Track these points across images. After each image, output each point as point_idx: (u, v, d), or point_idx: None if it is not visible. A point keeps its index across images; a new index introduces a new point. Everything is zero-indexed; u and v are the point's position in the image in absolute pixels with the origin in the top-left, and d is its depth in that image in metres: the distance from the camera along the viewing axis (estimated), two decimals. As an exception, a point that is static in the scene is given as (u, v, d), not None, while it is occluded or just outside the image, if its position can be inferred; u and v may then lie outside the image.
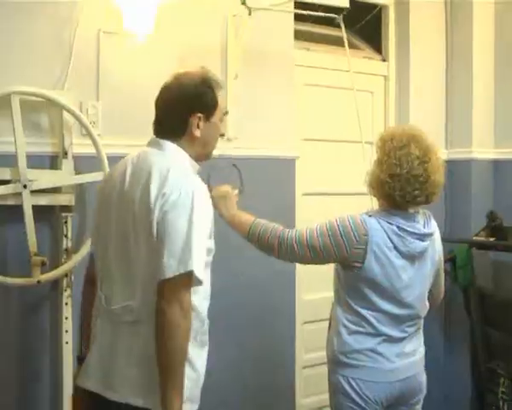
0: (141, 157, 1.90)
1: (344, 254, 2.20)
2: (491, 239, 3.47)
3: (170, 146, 1.91)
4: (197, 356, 1.87)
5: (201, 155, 1.99)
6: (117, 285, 1.87)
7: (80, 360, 2.05)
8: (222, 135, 2.05)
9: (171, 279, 1.73)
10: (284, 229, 2.29)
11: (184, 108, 1.91)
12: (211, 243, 1.90)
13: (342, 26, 2.91)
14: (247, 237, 2.34)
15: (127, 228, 1.84)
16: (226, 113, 2.05)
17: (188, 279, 1.74)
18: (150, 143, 1.95)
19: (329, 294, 2.43)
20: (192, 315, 1.78)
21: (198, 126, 1.91)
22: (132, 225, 1.82)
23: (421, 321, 2.38)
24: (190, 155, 1.93)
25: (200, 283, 1.77)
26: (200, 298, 1.86)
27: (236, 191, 2.41)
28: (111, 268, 1.90)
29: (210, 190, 2.31)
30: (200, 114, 1.90)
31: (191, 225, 1.75)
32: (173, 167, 1.83)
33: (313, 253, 2.23)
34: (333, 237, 2.20)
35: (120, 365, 1.83)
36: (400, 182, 2.18)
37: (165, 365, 1.73)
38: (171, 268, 1.72)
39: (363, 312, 2.24)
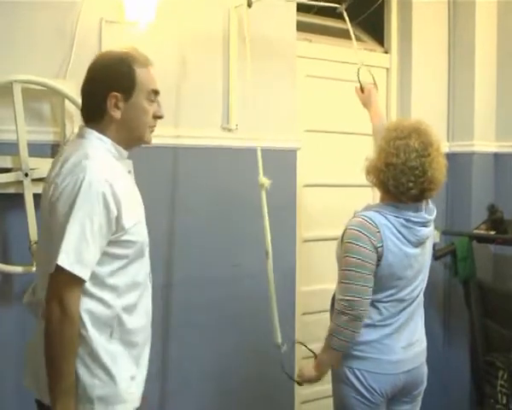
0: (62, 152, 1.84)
1: (375, 258, 2.17)
2: (492, 232, 3.48)
3: (89, 133, 1.80)
4: (114, 355, 1.76)
5: (130, 140, 1.85)
6: (39, 279, 1.83)
7: None
8: (159, 117, 1.87)
9: (52, 275, 1.64)
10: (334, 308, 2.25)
11: (100, 89, 1.78)
12: (125, 234, 1.75)
13: (346, 16, 2.90)
14: (339, 348, 2.23)
15: (42, 223, 1.82)
16: (156, 92, 1.84)
17: (66, 276, 1.63)
18: (76, 134, 1.88)
19: (329, 286, 2.42)
20: (100, 310, 1.72)
21: (117, 107, 1.78)
22: (43, 219, 1.80)
23: (422, 305, 2.37)
24: (114, 140, 1.81)
25: (80, 279, 1.65)
26: (113, 294, 1.75)
27: None
28: (38, 263, 1.90)
29: None
30: (116, 94, 1.77)
31: (69, 217, 1.63)
32: (75, 155, 1.72)
33: (362, 282, 2.16)
34: (358, 254, 2.17)
35: (40, 361, 1.71)
36: (395, 171, 2.17)
37: (47, 362, 1.67)
38: (50, 264, 1.64)
39: (375, 303, 2.23)
